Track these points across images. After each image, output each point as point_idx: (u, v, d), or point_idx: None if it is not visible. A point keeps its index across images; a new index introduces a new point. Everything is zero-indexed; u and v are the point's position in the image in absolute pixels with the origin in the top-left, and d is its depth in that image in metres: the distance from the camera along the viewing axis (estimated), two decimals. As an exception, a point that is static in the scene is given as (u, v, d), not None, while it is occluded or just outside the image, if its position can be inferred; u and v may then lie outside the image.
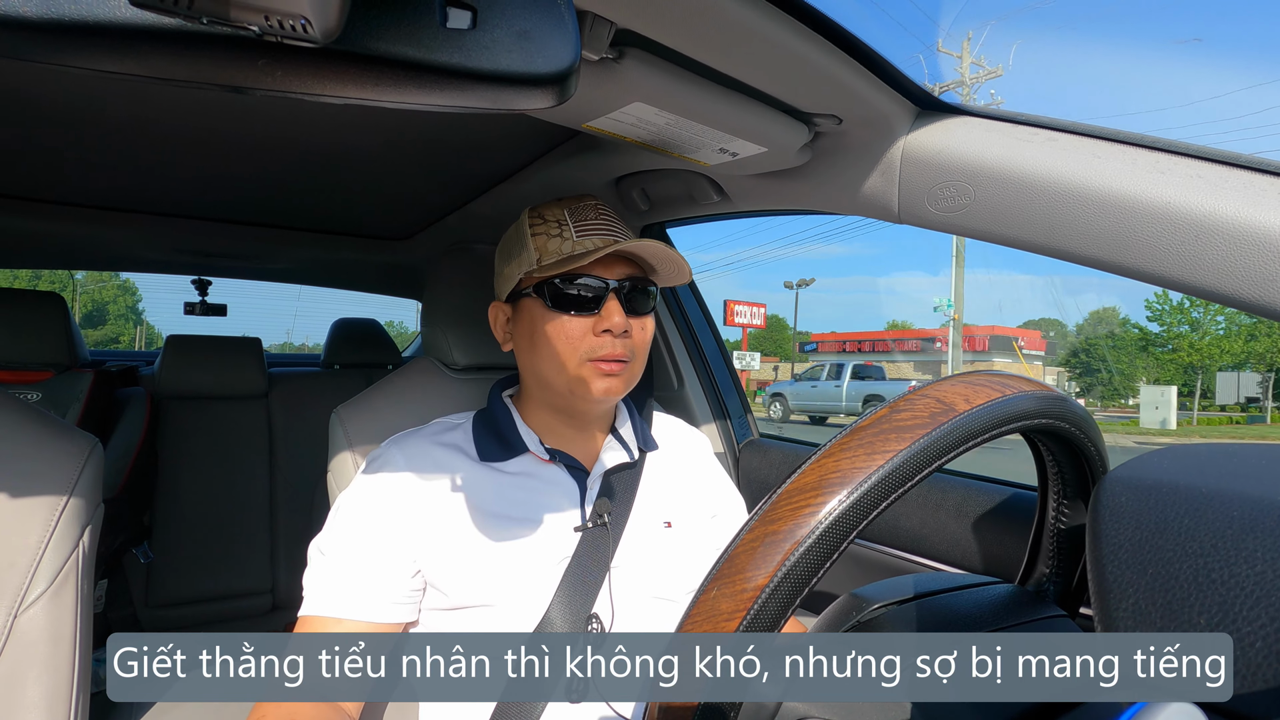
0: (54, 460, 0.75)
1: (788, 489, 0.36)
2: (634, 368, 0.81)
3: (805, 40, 0.62)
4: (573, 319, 0.78)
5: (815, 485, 0.35)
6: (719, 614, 0.35)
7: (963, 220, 0.73)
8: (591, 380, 0.78)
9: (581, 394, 0.79)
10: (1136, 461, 0.40)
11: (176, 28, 0.30)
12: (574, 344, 0.78)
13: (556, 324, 0.78)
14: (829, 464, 0.36)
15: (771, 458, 1.33)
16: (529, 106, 0.37)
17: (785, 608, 0.34)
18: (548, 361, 0.80)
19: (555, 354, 0.79)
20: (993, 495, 0.95)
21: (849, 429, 0.38)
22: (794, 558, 0.34)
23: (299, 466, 2.21)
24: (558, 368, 0.79)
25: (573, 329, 0.78)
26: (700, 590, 0.36)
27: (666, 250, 0.78)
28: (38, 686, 0.70)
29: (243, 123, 1.07)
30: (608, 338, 0.77)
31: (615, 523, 0.80)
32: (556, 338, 0.78)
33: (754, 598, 0.34)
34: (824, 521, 0.34)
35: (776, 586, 0.34)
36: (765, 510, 0.36)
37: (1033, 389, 0.42)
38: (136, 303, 51.87)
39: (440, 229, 1.73)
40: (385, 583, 0.74)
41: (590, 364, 0.78)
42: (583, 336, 0.78)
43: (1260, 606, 0.28)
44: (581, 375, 0.78)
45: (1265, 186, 0.55)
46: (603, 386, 0.78)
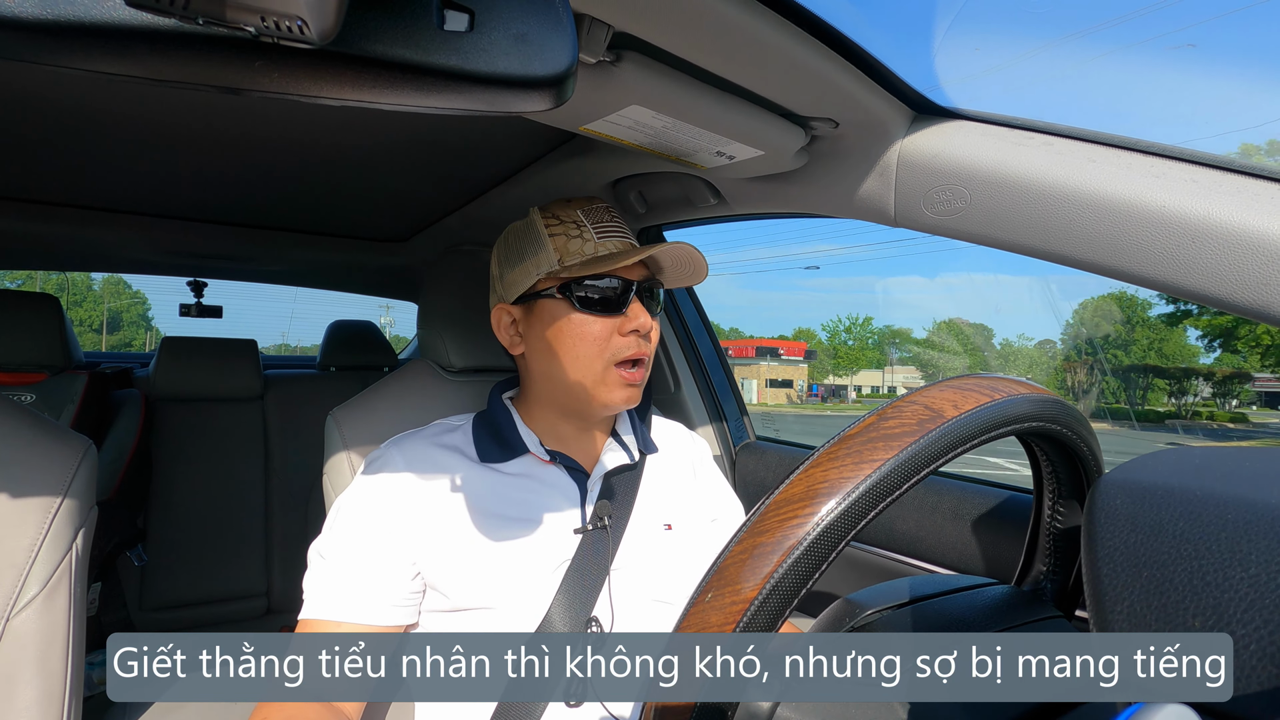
0: (47, 462, 0.75)
1: (776, 499, 0.36)
2: (647, 368, 0.83)
3: (802, 44, 0.62)
4: (599, 319, 0.79)
5: (803, 496, 0.35)
6: (709, 625, 0.35)
7: (958, 224, 0.73)
8: (614, 389, 0.79)
9: (602, 399, 0.80)
10: (1132, 464, 0.40)
11: (172, 28, 0.29)
12: (600, 345, 0.79)
13: (583, 325, 0.79)
14: (817, 474, 0.36)
15: (768, 460, 1.33)
16: (526, 109, 0.37)
17: (775, 618, 0.34)
18: (571, 363, 0.80)
19: (580, 355, 0.79)
20: (988, 498, 0.95)
21: (838, 437, 0.38)
22: (783, 569, 0.34)
23: (294, 469, 2.20)
24: (583, 369, 0.79)
25: (599, 330, 0.79)
26: (691, 601, 0.36)
27: (692, 254, 0.80)
28: (30, 690, 0.70)
29: (238, 124, 1.07)
30: (634, 338, 0.79)
31: (615, 525, 0.80)
32: (582, 339, 0.79)
33: (744, 609, 0.34)
34: (812, 532, 0.34)
35: (766, 598, 0.34)
36: (754, 521, 0.36)
37: (1023, 392, 0.42)
38: (146, 310, 59.42)
39: (437, 231, 1.73)
40: (385, 585, 0.74)
41: (614, 369, 0.79)
42: (609, 337, 0.79)
43: (1255, 609, 0.28)
44: (605, 380, 0.79)
45: (1259, 191, 0.56)
46: (624, 396, 0.80)
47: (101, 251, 1.89)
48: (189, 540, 2.02)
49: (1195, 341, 36.38)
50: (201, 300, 2.51)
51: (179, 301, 2.54)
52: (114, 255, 1.97)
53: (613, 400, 0.80)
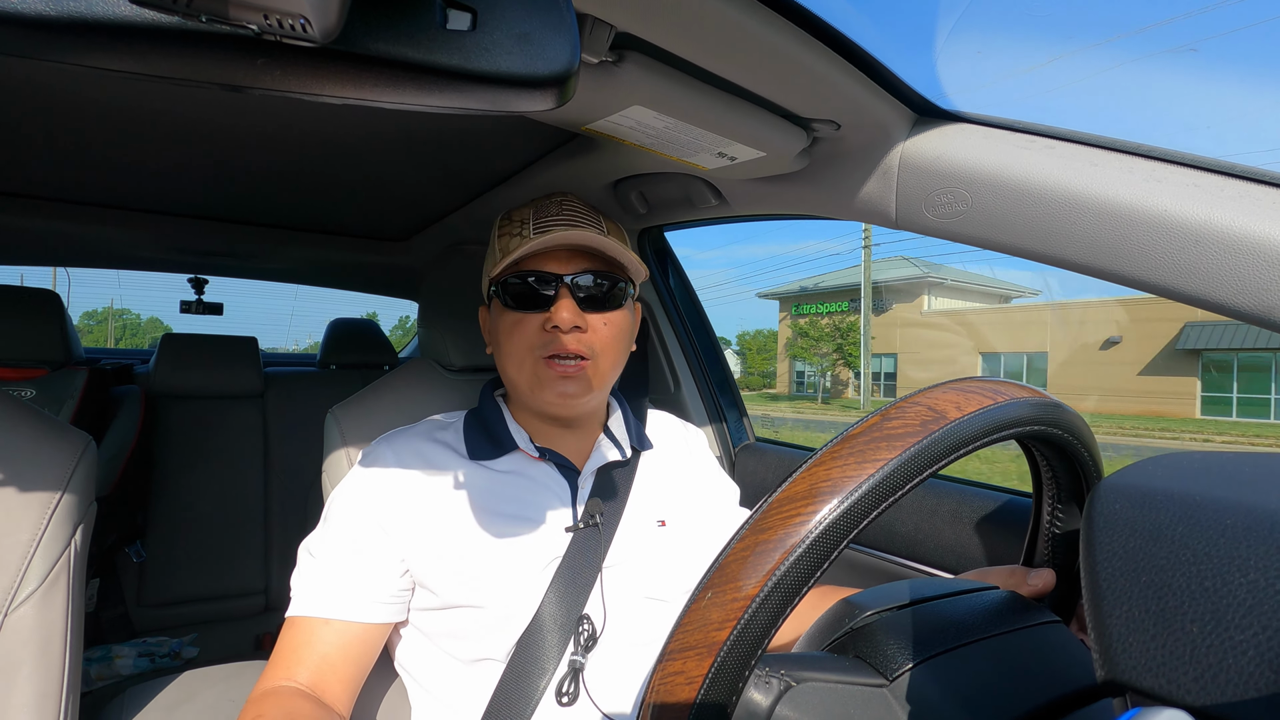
0: (47, 458, 0.75)
1: (779, 497, 0.36)
2: (600, 365, 0.79)
3: (805, 46, 0.62)
4: (525, 315, 0.78)
5: (806, 494, 0.35)
6: (710, 623, 0.35)
7: (959, 227, 0.73)
8: (548, 384, 0.77)
9: (542, 394, 0.78)
10: (1132, 469, 0.40)
11: (176, 25, 0.29)
12: (527, 340, 0.78)
13: (511, 322, 0.79)
14: (820, 472, 0.36)
15: (768, 461, 1.33)
16: (528, 109, 0.37)
17: (776, 616, 0.34)
18: (508, 360, 0.80)
19: (513, 352, 0.79)
20: (988, 501, 0.95)
21: (841, 436, 0.38)
22: (784, 566, 0.34)
23: (294, 466, 2.20)
24: (516, 366, 0.79)
25: (525, 326, 0.78)
26: (692, 598, 0.37)
27: (603, 240, 0.76)
28: (28, 686, 0.70)
29: (240, 121, 1.07)
30: (556, 334, 0.76)
31: (607, 523, 0.80)
32: (511, 336, 0.79)
33: (744, 606, 0.34)
34: (814, 530, 0.34)
35: (767, 595, 0.34)
36: (756, 519, 0.36)
37: (1026, 395, 0.42)
38: (169, 330, 61.29)
39: (438, 230, 1.73)
40: (373, 582, 0.74)
41: (544, 363, 0.77)
42: (535, 333, 0.77)
43: (1253, 615, 0.28)
44: (538, 375, 0.77)
45: (1260, 196, 0.56)
46: (557, 392, 0.76)
47: (102, 247, 1.89)
48: (188, 537, 2.02)
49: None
50: (202, 297, 2.51)
51: (184, 304, 2.54)
52: (115, 251, 1.97)
53: (545, 398, 0.77)
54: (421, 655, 0.78)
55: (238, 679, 0.89)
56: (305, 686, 0.70)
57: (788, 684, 0.38)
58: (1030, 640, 0.47)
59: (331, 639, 0.72)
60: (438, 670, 0.77)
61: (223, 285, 2.71)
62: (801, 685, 0.38)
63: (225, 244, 1.83)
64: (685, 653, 0.35)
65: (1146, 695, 0.31)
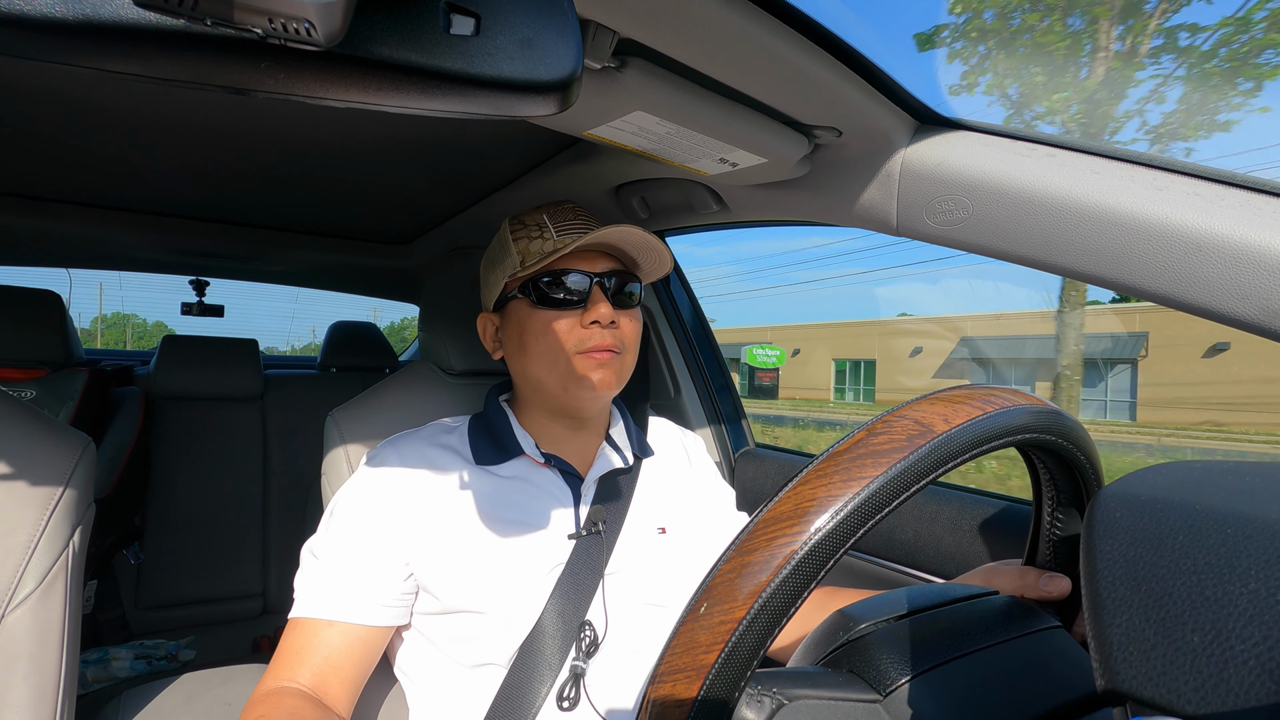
0: (46, 459, 0.75)
1: (764, 518, 0.36)
2: (626, 360, 0.82)
3: (806, 53, 0.62)
4: (560, 314, 0.79)
5: (791, 514, 0.35)
6: (698, 645, 0.35)
7: (960, 234, 0.73)
8: (586, 373, 0.78)
9: (576, 389, 0.79)
10: (1133, 477, 0.40)
11: (180, 28, 0.30)
12: (563, 338, 0.78)
13: (544, 321, 0.79)
14: (805, 491, 0.36)
15: (767, 467, 1.33)
16: (530, 113, 0.37)
17: (765, 637, 0.34)
18: (539, 360, 0.80)
19: (546, 351, 0.79)
20: (987, 507, 0.95)
21: (826, 454, 0.37)
22: (771, 588, 0.34)
23: (293, 469, 2.20)
24: (550, 364, 0.79)
25: (561, 324, 0.78)
26: (680, 621, 0.36)
27: (645, 236, 0.78)
28: (24, 687, 0.70)
29: (243, 123, 1.07)
30: (596, 329, 0.78)
31: (609, 530, 0.80)
32: (545, 335, 0.79)
33: (732, 629, 0.34)
34: (800, 551, 0.34)
35: (754, 617, 0.34)
36: (742, 540, 0.36)
37: (1019, 404, 0.42)
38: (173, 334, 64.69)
39: (439, 234, 1.73)
40: (376, 585, 0.74)
41: (581, 356, 0.78)
42: (571, 330, 0.78)
43: (1254, 625, 0.28)
44: (575, 369, 0.78)
45: (1261, 205, 0.56)
46: (597, 377, 0.78)
47: (104, 249, 1.90)
48: (186, 539, 2.01)
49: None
50: (203, 299, 2.51)
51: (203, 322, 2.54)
52: (116, 253, 1.97)
53: (580, 392, 0.79)
54: (423, 659, 0.78)
55: (234, 682, 0.88)
56: (307, 688, 0.70)
57: (780, 702, 0.38)
58: (1030, 648, 0.46)
59: (334, 640, 0.72)
60: (439, 675, 0.76)
61: (223, 286, 2.71)
62: (794, 703, 0.38)
63: (227, 246, 1.84)
64: (675, 675, 0.35)
65: (1147, 705, 0.31)
